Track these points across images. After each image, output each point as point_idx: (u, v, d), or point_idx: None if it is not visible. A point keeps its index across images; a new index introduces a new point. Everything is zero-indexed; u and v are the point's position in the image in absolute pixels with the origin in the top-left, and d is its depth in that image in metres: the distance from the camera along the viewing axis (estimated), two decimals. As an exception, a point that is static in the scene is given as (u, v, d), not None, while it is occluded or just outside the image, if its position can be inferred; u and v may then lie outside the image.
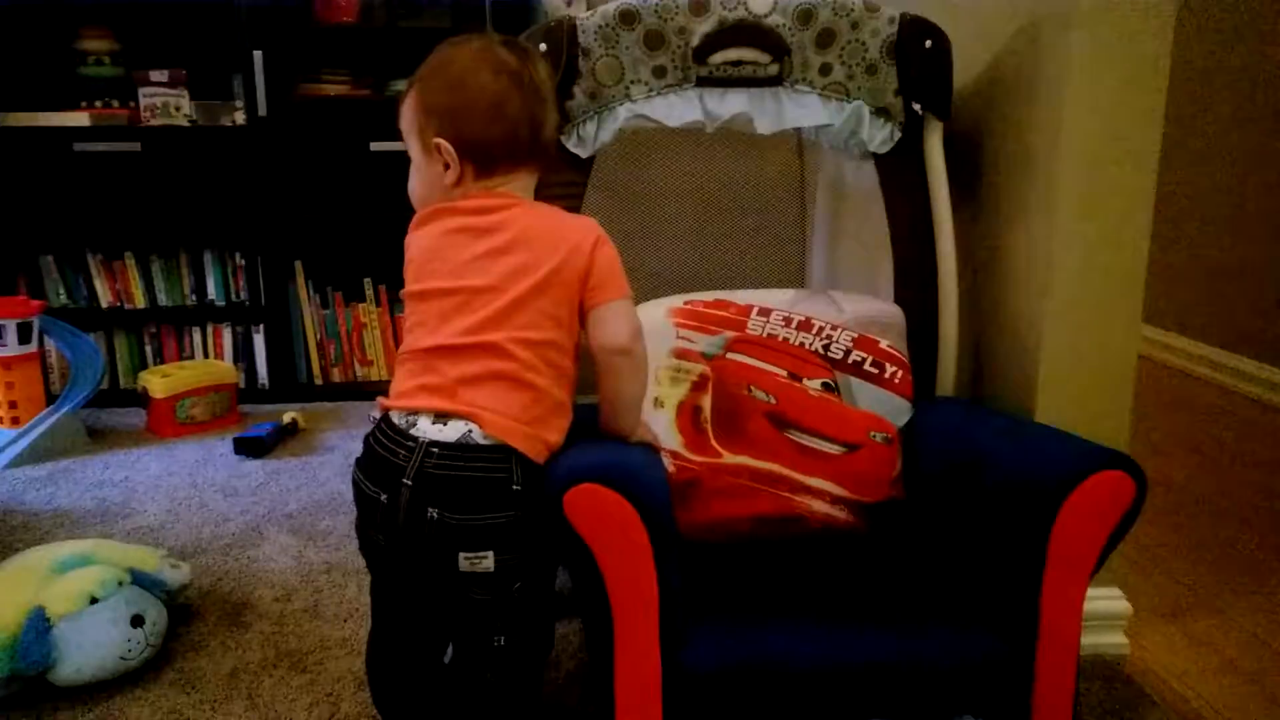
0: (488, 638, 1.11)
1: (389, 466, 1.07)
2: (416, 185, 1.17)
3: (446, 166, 1.12)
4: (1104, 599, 1.53)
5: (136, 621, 1.41)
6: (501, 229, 1.11)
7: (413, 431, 1.07)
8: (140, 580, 1.47)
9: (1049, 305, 1.41)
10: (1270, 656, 1.54)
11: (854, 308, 1.41)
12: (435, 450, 1.05)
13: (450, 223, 1.13)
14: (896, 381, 1.39)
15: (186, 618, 1.60)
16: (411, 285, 1.14)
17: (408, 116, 1.15)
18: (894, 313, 1.43)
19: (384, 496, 1.07)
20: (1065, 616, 1.08)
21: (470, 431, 1.06)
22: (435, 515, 1.05)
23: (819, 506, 1.34)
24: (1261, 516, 2.09)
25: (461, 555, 1.06)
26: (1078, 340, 1.42)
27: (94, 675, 1.37)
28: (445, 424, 1.07)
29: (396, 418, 1.09)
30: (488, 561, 1.06)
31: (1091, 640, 1.50)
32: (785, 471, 1.34)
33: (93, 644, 1.36)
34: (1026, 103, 1.46)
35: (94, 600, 1.39)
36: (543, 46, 1.40)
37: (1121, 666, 1.49)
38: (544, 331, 1.09)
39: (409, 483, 1.06)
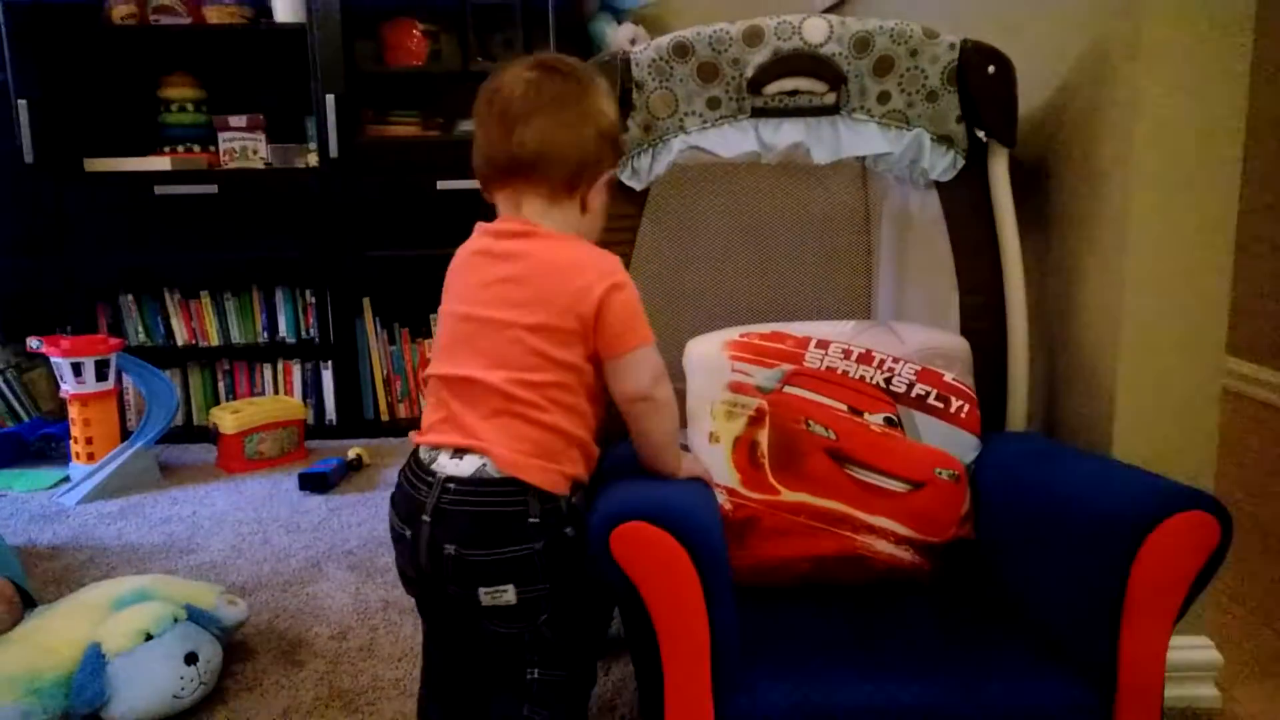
0: (520, 671, 1.09)
1: (412, 503, 1.07)
2: None
3: None
4: (1193, 648, 1.43)
5: (190, 659, 1.41)
6: (516, 258, 1.09)
7: (433, 466, 1.07)
8: (196, 617, 1.48)
9: (1124, 338, 1.35)
10: (1381, 715, 1.43)
11: (916, 339, 1.36)
12: (452, 485, 1.05)
13: (478, 242, 1.14)
14: (963, 416, 1.33)
15: (242, 655, 1.60)
16: (441, 304, 1.15)
17: None
18: (959, 345, 1.38)
19: (408, 533, 1.07)
20: (1147, 665, 1.01)
21: (484, 465, 1.05)
22: (453, 551, 1.04)
23: (883, 547, 1.29)
24: (1366, 562, 1.95)
25: (481, 590, 1.05)
26: (1156, 374, 1.35)
27: (147, 712, 1.37)
28: (462, 459, 1.06)
29: (423, 453, 1.09)
30: (509, 595, 1.05)
31: (1181, 693, 1.41)
32: (847, 510, 1.29)
33: (146, 681, 1.37)
34: (1095, 129, 1.40)
35: (149, 637, 1.40)
36: (596, 81, 1.40)
37: (1213, 722, 1.40)
38: (543, 374, 1.06)
39: (427, 519, 1.05)
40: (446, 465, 1.06)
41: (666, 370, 1.10)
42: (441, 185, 2.85)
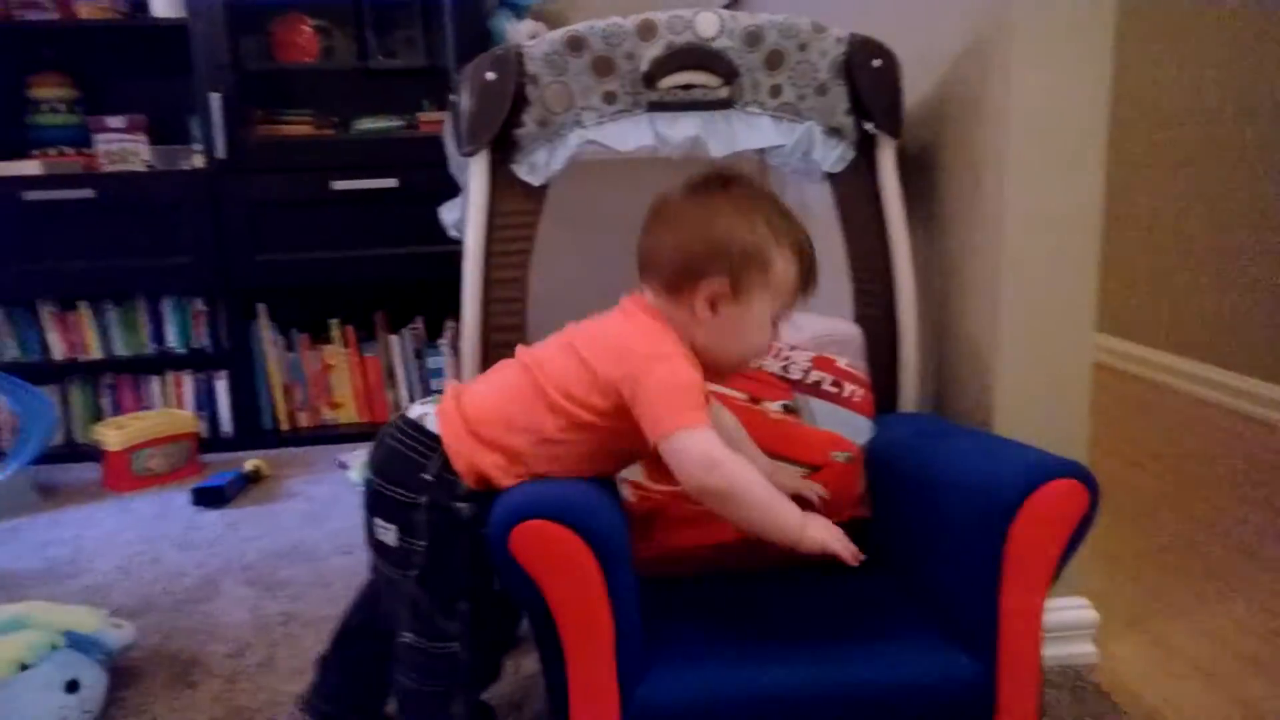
0: (397, 628, 1.14)
1: None
2: None
3: None
4: (1071, 609, 1.50)
5: (71, 687, 1.34)
6: (616, 311, 1.16)
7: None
8: (77, 643, 1.40)
9: (1002, 318, 1.40)
10: (1236, 659, 1.52)
11: (811, 327, 1.39)
12: (399, 422, 1.15)
13: None
14: (856, 400, 1.36)
15: (130, 680, 1.53)
16: None
17: None
18: (851, 331, 1.41)
19: None
20: (1025, 627, 1.05)
21: (426, 415, 1.13)
22: (369, 476, 1.15)
23: (784, 532, 1.30)
24: (1225, 520, 2.08)
25: (375, 520, 1.13)
26: (1031, 352, 1.41)
27: (27, 744, 1.30)
28: (426, 406, 1.15)
29: None
30: (391, 535, 1.11)
31: (1060, 651, 1.48)
32: (748, 497, 1.30)
33: (23, 713, 1.29)
34: (973, 120, 1.46)
35: (24, 667, 1.32)
36: (490, 75, 1.39)
37: (1090, 676, 1.46)
38: (552, 390, 1.09)
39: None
40: (414, 408, 1.16)
41: (717, 448, 1.02)
42: (336, 185, 2.78)
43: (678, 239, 1.10)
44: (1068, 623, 1.49)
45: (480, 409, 1.11)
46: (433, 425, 1.11)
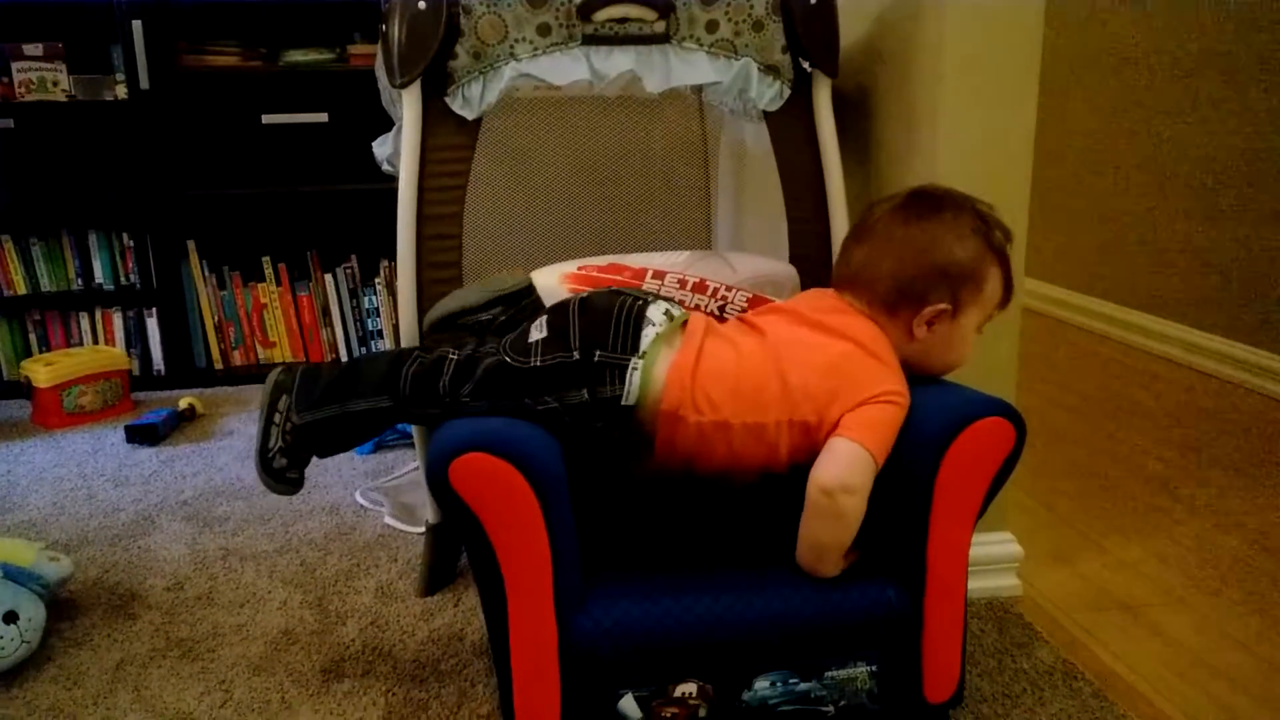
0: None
1: None
2: None
3: None
4: (997, 544, 1.57)
5: (9, 618, 1.34)
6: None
7: None
8: (13, 575, 1.40)
9: (936, 259, 1.43)
10: (1149, 589, 1.61)
11: (747, 267, 1.41)
12: (636, 307, 1.19)
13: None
14: (791, 339, 1.39)
15: (70, 612, 1.53)
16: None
17: None
18: (787, 271, 1.43)
19: None
20: (952, 560, 1.10)
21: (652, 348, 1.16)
22: (581, 296, 1.21)
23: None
24: (1147, 460, 2.18)
25: (545, 315, 1.17)
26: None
27: (-37, 676, 1.30)
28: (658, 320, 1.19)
29: None
30: (538, 334, 1.14)
31: (986, 584, 1.55)
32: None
33: (-42, 643, 1.29)
34: (908, 64, 1.47)
35: (-42, 598, 1.31)
36: (421, 4, 1.36)
37: (1014, 607, 1.54)
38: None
39: None
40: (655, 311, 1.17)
41: (867, 485, 1.07)
42: (267, 119, 2.71)
43: (897, 263, 1.15)
44: (993, 557, 1.56)
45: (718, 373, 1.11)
46: (646, 345, 1.11)
